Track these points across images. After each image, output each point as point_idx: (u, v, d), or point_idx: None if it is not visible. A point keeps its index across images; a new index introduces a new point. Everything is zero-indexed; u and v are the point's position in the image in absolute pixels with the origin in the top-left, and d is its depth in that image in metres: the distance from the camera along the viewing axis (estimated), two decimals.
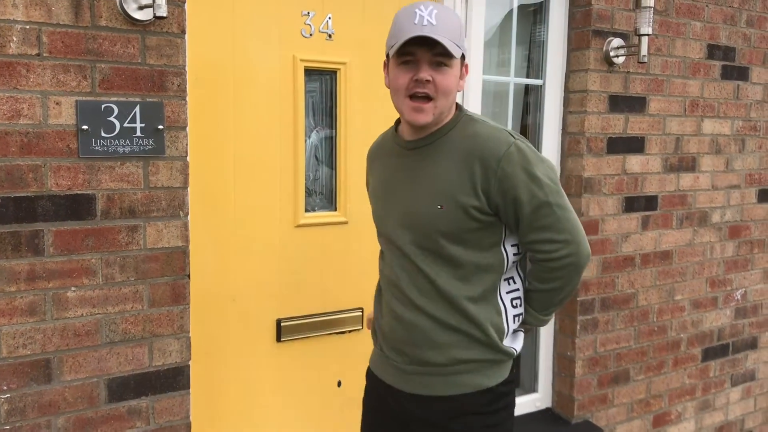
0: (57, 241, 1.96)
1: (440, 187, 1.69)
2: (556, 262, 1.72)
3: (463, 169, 1.68)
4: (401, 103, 1.68)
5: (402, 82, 1.66)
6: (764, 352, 3.97)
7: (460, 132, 1.73)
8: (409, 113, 1.67)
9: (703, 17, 3.33)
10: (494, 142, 1.68)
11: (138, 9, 1.97)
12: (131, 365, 2.11)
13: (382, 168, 1.86)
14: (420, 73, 1.62)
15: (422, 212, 1.71)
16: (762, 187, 3.75)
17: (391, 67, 1.70)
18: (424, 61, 1.62)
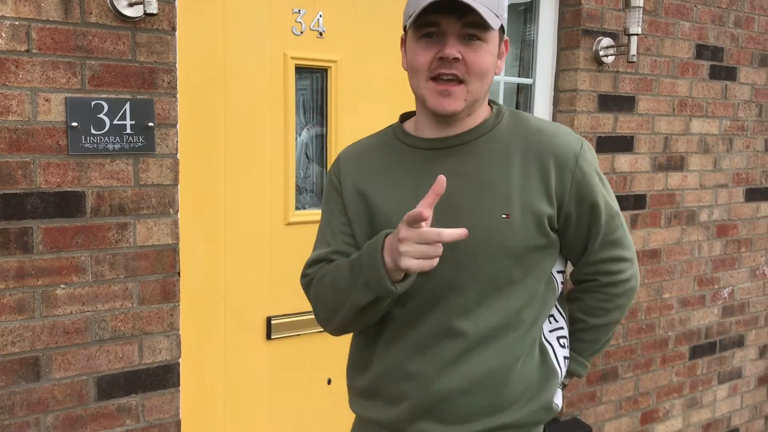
0: (46, 239, 1.95)
1: (502, 190, 1.33)
2: (623, 285, 1.48)
3: (531, 168, 1.34)
4: (422, 86, 1.32)
5: (422, 61, 1.29)
6: (751, 350, 4.00)
7: (511, 126, 1.40)
8: (434, 99, 1.30)
9: (692, 17, 3.35)
10: (565, 138, 1.38)
11: (128, 6, 1.97)
12: (121, 363, 2.10)
13: (390, 178, 1.40)
14: (446, 48, 1.27)
15: (483, 226, 1.31)
16: (749, 186, 3.79)
17: (408, 43, 1.34)
18: (452, 34, 1.27)
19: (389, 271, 1.24)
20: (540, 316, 1.41)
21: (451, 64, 1.27)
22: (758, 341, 4.03)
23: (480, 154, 1.36)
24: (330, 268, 1.40)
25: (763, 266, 3.96)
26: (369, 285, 1.27)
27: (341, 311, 1.36)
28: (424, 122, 1.40)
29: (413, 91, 1.36)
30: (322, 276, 1.41)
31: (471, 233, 1.23)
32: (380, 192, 1.41)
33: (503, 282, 1.35)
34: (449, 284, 1.35)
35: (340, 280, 1.34)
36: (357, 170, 1.45)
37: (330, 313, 1.40)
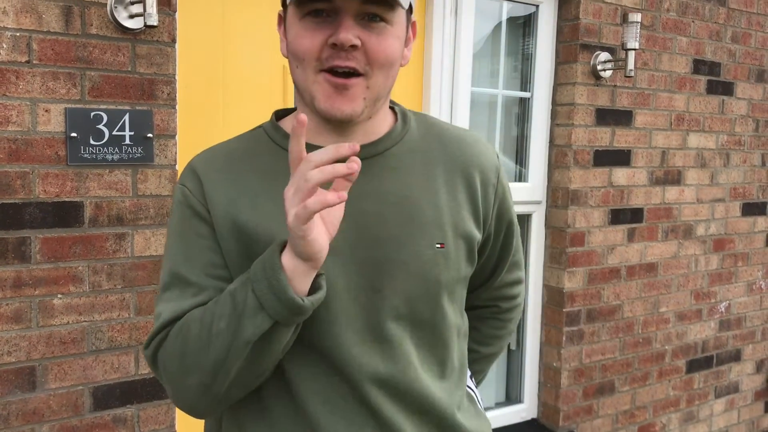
0: (44, 248, 1.96)
1: (432, 214, 1.09)
2: (518, 309, 1.34)
3: (457, 185, 1.12)
4: (309, 80, 1.01)
5: (309, 47, 0.99)
6: (748, 364, 4.00)
7: (422, 131, 1.15)
8: (326, 97, 1.00)
9: (689, 32, 3.37)
10: (485, 148, 1.18)
11: (129, 18, 1.98)
12: (117, 373, 2.10)
13: (274, 199, 1.03)
14: (341, 32, 0.97)
15: (415, 259, 1.06)
16: (746, 200, 3.80)
17: (289, 22, 1.04)
18: (348, 13, 0.98)
19: (291, 279, 0.93)
20: (465, 359, 1.21)
21: (348, 54, 0.98)
22: (755, 356, 4.03)
23: (397, 169, 1.09)
24: (193, 316, 1.01)
25: (760, 281, 3.97)
26: (265, 304, 0.93)
27: (225, 363, 0.96)
28: (312, 127, 1.06)
29: (296, 84, 1.05)
30: (183, 328, 1.01)
31: (401, 269, 1.04)
32: (263, 218, 1.04)
33: (437, 329, 1.11)
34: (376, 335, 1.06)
35: (219, 319, 0.96)
36: (227, 188, 1.06)
37: (210, 372, 0.98)
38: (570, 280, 3.14)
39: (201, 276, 1.04)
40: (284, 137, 1.10)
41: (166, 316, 1.03)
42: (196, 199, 1.06)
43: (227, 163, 1.09)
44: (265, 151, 1.10)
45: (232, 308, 0.96)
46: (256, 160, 1.09)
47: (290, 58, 1.04)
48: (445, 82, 2.84)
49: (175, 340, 1.01)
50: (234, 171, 1.08)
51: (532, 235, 3.20)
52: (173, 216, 1.09)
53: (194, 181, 1.08)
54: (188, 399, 1.03)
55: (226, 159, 1.10)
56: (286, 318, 0.94)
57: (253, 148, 1.11)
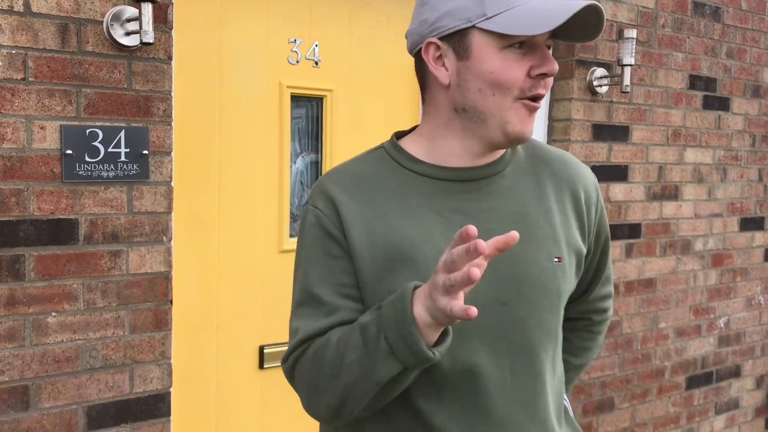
0: (38, 266, 1.94)
1: (548, 230, 1.16)
2: (607, 322, 1.40)
3: (566, 202, 1.20)
4: (506, 107, 1.08)
5: (517, 77, 1.06)
6: (748, 380, 3.98)
7: (528, 152, 1.23)
8: (522, 122, 1.08)
9: (685, 48, 3.39)
10: (584, 168, 1.26)
11: (125, 35, 1.98)
12: (111, 392, 2.08)
13: (411, 217, 1.11)
14: (549, 63, 1.06)
15: (536, 273, 1.13)
16: (744, 215, 3.79)
17: (480, 51, 1.06)
18: (543, 44, 1.08)
19: (422, 332, 0.97)
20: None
21: (546, 82, 1.08)
22: (755, 371, 4.01)
23: (512, 188, 1.16)
24: (328, 340, 1.07)
25: (759, 296, 3.96)
26: (397, 352, 0.97)
27: (354, 394, 1.03)
28: (455, 152, 1.14)
29: (483, 110, 1.09)
30: (319, 351, 1.07)
31: (526, 283, 1.10)
32: (397, 237, 1.09)
33: (558, 337, 1.19)
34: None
35: (351, 351, 1.02)
36: (363, 211, 1.11)
37: (340, 398, 1.05)
38: None
39: (333, 295, 1.10)
40: (407, 158, 1.16)
41: (303, 334, 1.11)
42: (329, 220, 1.12)
43: (357, 186, 1.14)
44: (389, 172, 1.16)
45: (362, 344, 1.01)
46: (383, 181, 1.15)
47: (483, 87, 1.07)
48: None
49: (312, 361, 1.08)
50: (365, 192, 1.13)
51: None
52: (305, 237, 1.15)
53: (327, 203, 1.13)
54: (319, 414, 1.11)
55: (355, 181, 1.15)
56: (416, 366, 1.00)
57: (379, 170, 1.17)
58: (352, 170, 1.18)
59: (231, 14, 2.37)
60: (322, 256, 1.12)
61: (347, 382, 1.03)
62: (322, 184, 1.17)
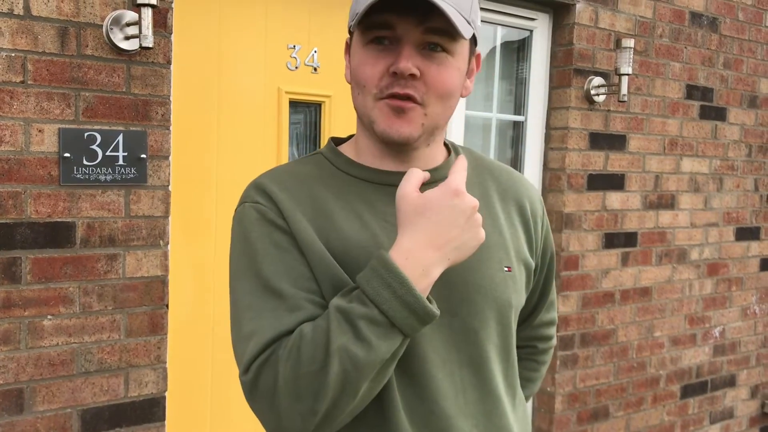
0: (35, 269, 1.94)
1: (497, 238, 1.11)
2: (551, 351, 1.35)
3: (512, 214, 1.16)
4: (368, 106, 1.03)
5: (370, 74, 1.01)
6: (743, 389, 3.99)
7: (473, 163, 1.18)
8: (385, 119, 1.02)
9: (682, 58, 3.40)
10: (528, 182, 1.24)
11: (124, 39, 1.99)
12: (106, 396, 2.08)
13: (353, 216, 1.06)
14: (401, 61, 0.98)
15: (489, 280, 1.08)
16: (739, 225, 3.81)
17: (354, 49, 1.06)
18: (409, 42, 0.99)
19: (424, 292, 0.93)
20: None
21: (407, 82, 0.99)
22: (750, 381, 4.02)
23: None
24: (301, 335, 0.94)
25: (754, 305, 3.97)
26: (397, 321, 0.91)
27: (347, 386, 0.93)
28: (371, 151, 1.09)
29: (357, 110, 1.07)
30: (292, 350, 0.94)
31: (477, 292, 1.05)
32: (355, 240, 1.03)
33: (510, 351, 1.13)
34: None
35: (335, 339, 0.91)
36: (303, 206, 1.05)
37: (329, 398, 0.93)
38: (564, 304, 3.13)
39: (293, 289, 0.99)
40: (347, 163, 1.11)
41: (268, 335, 0.96)
42: (273, 213, 1.04)
43: (295, 183, 1.08)
44: (329, 176, 1.10)
45: (349, 327, 0.91)
46: (324, 182, 1.09)
47: (352, 85, 1.06)
48: None
49: (286, 363, 0.93)
50: (304, 190, 1.07)
51: None
52: (248, 235, 1.04)
53: (266, 197, 1.05)
54: (296, 426, 0.95)
55: (292, 179, 1.09)
56: (419, 329, 0.94)
57: (317, 172, 1.11)
58: (288, 169, 1.12)
59: (230, 20, 2.38)
60: (273, 249, 1.01)
61: (337, 372, 0.90)
62: (258, 182, 1.09)
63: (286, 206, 1.04)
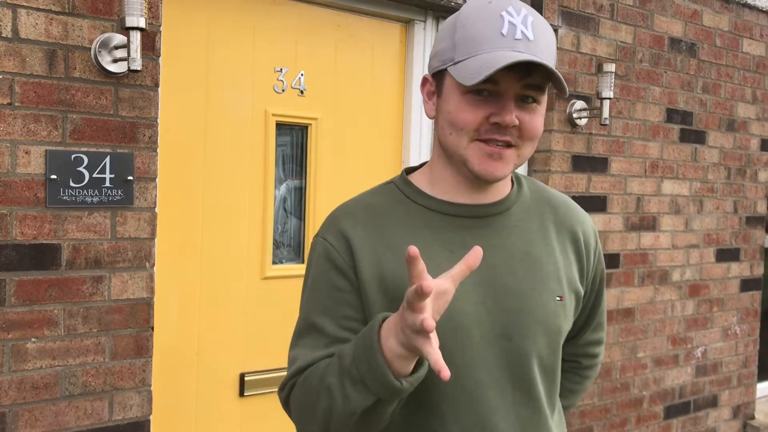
0: (19, 291, 1.93)
1: (551, 269, 1.19)
2: (597, 368, 1.43)
3: (566, 244, 1.24)
4: (463, 146, 1.11)
5: (470, 121, 1.09)
6: (725, 410, 4.01)
7: (534, 193, 1.27)
8: (482, 162, 1.10)
9: (662, 83, 3.47)
10: (583, 212, 1.31)
11: (112, 62, 2.00)
12: (90, 419, 2.06)
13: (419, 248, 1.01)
14: (505, 114, 1.07)
15: (542, 308, 1.16)
16: (720, 246, 3.86)
17: (447, 92, 1.12)
18: (510, 95, 1.08)
19: (391, 362, 0.97)
20: None
21: (506, 130, 1.09)
22: (732, 401, 4.05)
23: (518, 227, 1.20)
24: (317, 367, 1.08)
25: (735, 326, 4.01)
26: (366, 382, 0.99)
27: (332, 421, 1.05)
28: (451, 184, 1.18)
29: (447, 147, 1.14)
30: (308, 378, 1.09)
31: (530, 318, 1.13)
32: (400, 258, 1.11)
33: (556, 372, 1.22)
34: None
35: (328, 377, 1.04)
36: (374, 243, 1.13)
37: (321, 426, 1.07)
38: None
39: (335, 327, 1.11)
40: (416, 193, 1.20)
41: (301, 363, 1.11)
42: (338, 253, 1.14)
43: (368, 215, 1.17)
44: (399, 205, 1.19)
45: (339, 371, 1.03)
46: (394, 214, 1.18)
47: (444, 125, 1.13)
48: (425, 126, 2.88)
49: (302, 388, 1.10)
50: (376, 225, 1.16)
51: None
52: (312, 267, 1.17)
53: (338, 236, 1.15)
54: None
55: (366, 213, 1.18)
56: (386, 396, 0.99)
57: (389, 203, 1.20)
58: (362, 201, 1.22)
59: (218, 43, 2.40)
60: (327, 287, 1.13)
61: (325, 408, 1.04)
62: (334, 216, 1.20)
63: (356, 246, 1.13)
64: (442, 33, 1.15)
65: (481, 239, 1.14)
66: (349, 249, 1.13)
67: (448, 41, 1.11)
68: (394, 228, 1.15)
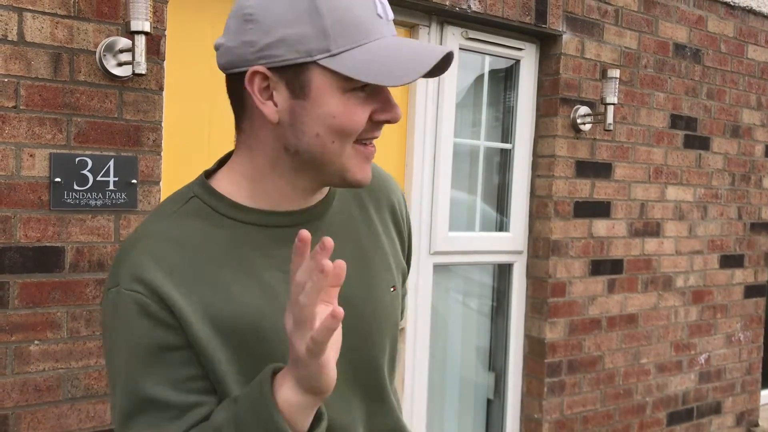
0: (22, 293, 1.94)
1: (381, 257, 1.10)
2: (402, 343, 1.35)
3: (386, 219, 1.14)
4: (344, 153, 0.95)
5: (360, 122, 0.93)
6: (728, 417, 4.00)
7: None
8: (361, 168, 0.97)
9: (667, 88, 3.46)
10: (387, 175, 1.20)
11: (117, 65, 2.00)
12: (92, 422, 2.06)
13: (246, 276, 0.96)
14: (393, 109, 0.95)
15: (381, 306, 1.07)
16: (724, 253, 3.85)
17: (319, 90, 0.92)
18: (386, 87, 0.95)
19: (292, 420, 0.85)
20: None
21: (379, 126, 0.97)
22: (735, 408, 4.04)
23: (343, 222, 1.07)
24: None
25: (739, 333, 4.00)
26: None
27: None
28: (283, 194, 1.00)
29: (314, 156, 0.95)
30: None
31: (370, 323, 1.03)
32: (246, 304, 0.94)
33: (395, 357, 1.13)
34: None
35: None
36: (195, 288, 0.93)
37: None
38: (551, 330, 3.15)
39: (178, 395, 0.91)
40: (230, 206, 0.99)
41: None
42: (156, 306, 0.90)
43: (177, 255, 0.94)
44: (212, 227, 0.98)
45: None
46: (209, 241, 0.96)
47: (319, 130, 0.93)
48: (428, 133, 2.88)
49: None
50: (188, 260, 0.94)
51: (513, 285, 3.21)
52: (122, 331, 0.92)
53: (146, 286, 0.91)
54: None
55: (174, 249, 0.94)
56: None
57: (199, 228, 0.97)
58: (168, 234, 0.96)
59: None
60: (155, 351, 0.91)
61: None
62: (132, 263, 0.93)
63: (173, 297, 0.91)
64: (286, 14, 0.90)
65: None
66: (162, 299, 0.91)
67: (307, 26, 0.89)
68: (212, 261, 0.95)
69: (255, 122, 1.00)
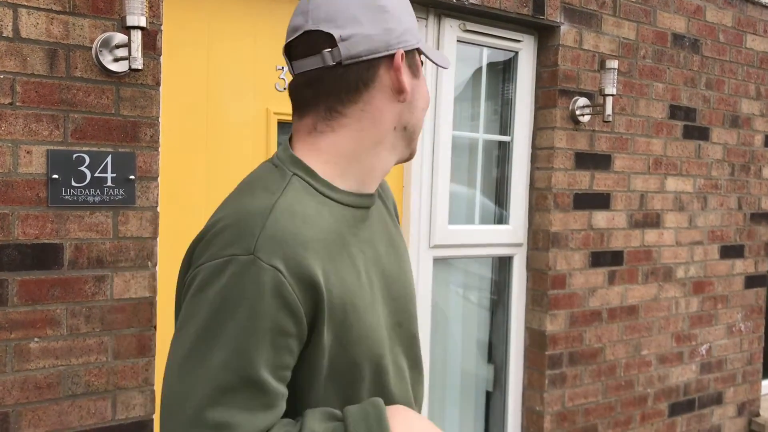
0: (21, 291, 1.93)
1: (403, 245, 1.22)
2: None
3: (392, 213, 1.26)
4: (419, 127, 1.13)
5: (428, 97, 1.14)
6: (730, 407, 4.00)
7: None
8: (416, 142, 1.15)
9: (665, 79, 3.45)
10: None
11: (113, 61, 1.99)
12: (93, 419, 2.06)
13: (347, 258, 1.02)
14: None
15: (411, 286, 1.20)
16: (724, 243, 3.84)
17: (419, 70, 1.11)
18: None
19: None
20: None
21: None
22: (736, 399, 4.04)
23: (378, 206, 1.18)
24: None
25: (740, 323, 4.00)
26: None
27: None
28: (370, 174, 1.09)
29: (413, 128, 1.10)
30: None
31: (409, 301, 1.15)
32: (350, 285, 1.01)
33: None
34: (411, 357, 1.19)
35: None
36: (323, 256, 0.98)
37: None
38: (552, 322, 3.14)
39: (275, 381, 0.92)
40: (326, 186, 1.04)
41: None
42: (292, 291, 0.91)
43: (310, 231, 0.96)
44: (319, 205, 1.01)
45: None
46: (322, 219, 1.00)
47: (422, 104, 1.11)
48: (426, 127, 2.87)
49: None
50: (318, 239, 0.97)
51: (513, 278, 3.21)
52: (249, 305, 0.89)
53: (287, 262, 0.91)
54: None
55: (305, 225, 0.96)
56: None
57: (313, 206, 1.00)
58: (293, 209, 0.97)
59: (219, 41, 2.40)
60: (275, 333, 0.91)
61: None
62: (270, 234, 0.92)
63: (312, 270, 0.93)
64: (402, 7, 1.07)
65: (368, 231, 1.09)
66: (303, 278, 0.92)
67: (412, 18, 1.09)
68: (330, 242, 0.99)
69: (374, 103, 1.05)
